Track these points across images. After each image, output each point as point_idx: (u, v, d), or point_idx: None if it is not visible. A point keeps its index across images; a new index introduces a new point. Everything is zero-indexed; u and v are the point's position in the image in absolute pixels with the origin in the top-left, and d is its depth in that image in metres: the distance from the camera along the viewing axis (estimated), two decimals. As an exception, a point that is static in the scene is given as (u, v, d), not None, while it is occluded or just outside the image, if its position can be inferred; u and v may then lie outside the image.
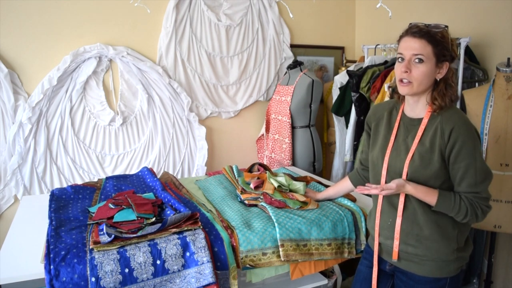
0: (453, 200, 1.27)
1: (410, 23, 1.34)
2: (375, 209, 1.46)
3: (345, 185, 1.81)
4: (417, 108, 1.36)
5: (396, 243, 1.36)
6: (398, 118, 1.42)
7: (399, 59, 1.32)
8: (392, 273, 1.46)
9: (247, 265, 1.56)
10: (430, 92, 1.33)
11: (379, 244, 1.44)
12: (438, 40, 1.27)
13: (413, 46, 1.27)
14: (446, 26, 1.32)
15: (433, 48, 1.27)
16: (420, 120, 1.35)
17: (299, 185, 1.94)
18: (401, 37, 1.34)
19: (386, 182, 1.39)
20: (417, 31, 1.28)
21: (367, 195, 2.15)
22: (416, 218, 1.33)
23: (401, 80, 1.31)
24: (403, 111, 1.42)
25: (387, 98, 2.41)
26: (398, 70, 1.31)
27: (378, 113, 1.51)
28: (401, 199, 1.34)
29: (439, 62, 1.29)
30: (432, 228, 1.31)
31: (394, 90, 1.45)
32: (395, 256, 1.37)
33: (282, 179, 1.98)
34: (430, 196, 1.28)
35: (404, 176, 1.32)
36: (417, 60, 1.27)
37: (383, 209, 1.41)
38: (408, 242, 1.34)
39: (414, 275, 1.36)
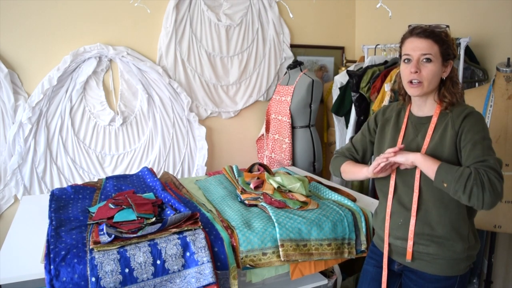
0: (457, 167, 1.22)
1: (410, 25, 1.34)
2: (384, 209, 1.44)
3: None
4: (425, 107, 1.37)
5: (410, 243, 1.34)
6: (406, 118, 1.42)
7: (405, 61, 1.32)
8: (400, 273, 1.45)
9: (247, 265, 1.56)
10: (437, 91, 1.34)
11: (389, 244, 1.43)
12: (443, 40, 1.29)
13: (420, 46, 1.28)
14: (447, 26, 1.33)
15: (440, 48, 1.28)
16: (429, 118, 1.35)
17: (296, 184, 1.93)
18: (404, 38, 1.34)
19: (396, 184, 1.38)
20: (421, 31, 1.29)
21: (373, 197, 2.15)
22: (428, 219, 1.32)
23: (410, 82, 1.31)
24: (410, 111, 1.42)
25: (387, 98, 2.41)
26: (406, 71, 1.31)
27: (386, 114, 1.51)
28: (415, 199, 1.33)
29: (445, 61, 1.30)
30: (444, 228, 1.30)
31: (396, 93, 1.44)
32: (409, 256, 1.35)
33: (279, 178, 1.99)
34: (432, 163, 1.24)
35: (417, 176, 1.31)
36: (425, 60, 1.28)
37: (393, 209, 1.40)
38: (419, 242, 1.34)
39: (425, 274, 1.35)
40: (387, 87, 2.41)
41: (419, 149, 1.33)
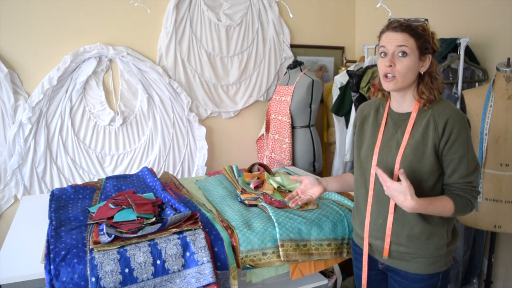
0: (461, 198, 1.27)
1: (389, 19, 1.33)
2: (364, 208, 1.42)
3: (350, 182, 1.62)
4: (404, 103, 1.36)
5: (387, 240, 1.34)
6: (385, 114, 1.40)
7: (382, 54, 1.32)
8: (386, 272, 1.44)
9: (247, 265, 1.56)
10: (416, 86, 1.33)
11: (370, 244, 1.42)
12: (419, 33, 1.27)
13: (395, 40, 1.27)
14: (426, 20, 1.32)
15: (416, 41, 1.27)
16: (408, 114, 1.34)
17: (296, 184, 1.93)
18: (381, 33, 1.33)
19: (375, 180, 1.36)
20: (398, 25, 1.28)
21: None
22: (407, 218, 1.31)
23: (385, 76, 1.30)
24: (389, 107, 1.41)
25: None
26: (382, 65, 1.30)
27: (364, 111, 1.50)
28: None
29: (422, 55, 1.29)
30: (422, 226, 1.30)
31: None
32: (385, 254, 1.36)
33: (279, 178, 1.99)
34: (442, 204, 1.25)
35: (395, 173, 1.30)
36: (400, 54, 1.27)
37: (372, 209, 1.39)
38: (399, 242, 1.33)
39: (408, 274, 1.35)
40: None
41: (399, 145, 1.32)
